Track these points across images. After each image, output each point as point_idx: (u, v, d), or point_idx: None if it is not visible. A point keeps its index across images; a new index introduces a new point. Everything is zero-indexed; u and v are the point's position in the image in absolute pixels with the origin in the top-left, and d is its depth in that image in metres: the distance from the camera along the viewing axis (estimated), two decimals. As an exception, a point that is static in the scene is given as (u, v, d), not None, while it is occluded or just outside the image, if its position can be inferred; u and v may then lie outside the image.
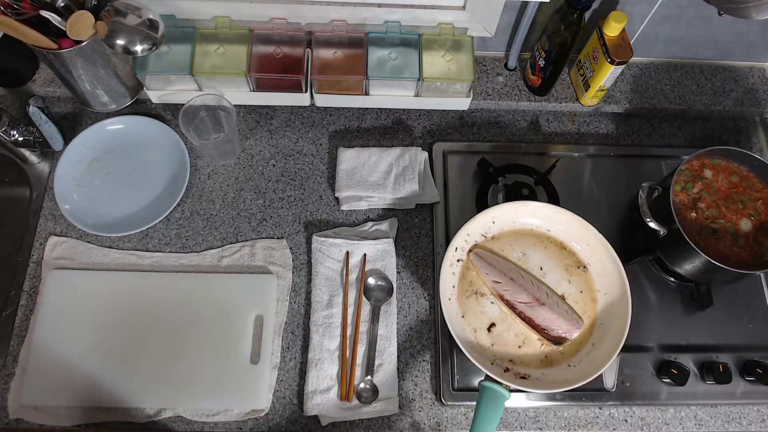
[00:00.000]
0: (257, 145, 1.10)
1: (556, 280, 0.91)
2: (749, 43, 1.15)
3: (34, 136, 1.01)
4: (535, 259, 0.92)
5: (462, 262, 0.91)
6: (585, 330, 0.88)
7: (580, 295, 0.90)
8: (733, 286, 1.02)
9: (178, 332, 0.93)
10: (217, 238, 1.02)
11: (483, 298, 0.90)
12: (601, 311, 0.89)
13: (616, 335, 0.84)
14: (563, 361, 0.87)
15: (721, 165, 0.98)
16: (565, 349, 0.87)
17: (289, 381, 0.93)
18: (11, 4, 0.89)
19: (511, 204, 0.92)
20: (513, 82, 1.16)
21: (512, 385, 0.80)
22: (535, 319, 0.87)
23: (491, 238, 0.93)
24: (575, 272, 0.91)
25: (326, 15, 1.04)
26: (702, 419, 0.94)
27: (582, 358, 0.86)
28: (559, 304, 0.87)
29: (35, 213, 1.02)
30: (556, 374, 0.85)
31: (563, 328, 0.86)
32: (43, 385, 0.89)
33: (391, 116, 1.14)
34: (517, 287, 0.88)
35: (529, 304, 0.87)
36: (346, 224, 1.04)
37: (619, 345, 0.82)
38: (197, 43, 1.04)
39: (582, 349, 0.87)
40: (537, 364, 0.86)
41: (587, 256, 0.92)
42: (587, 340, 0.88)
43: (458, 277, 0.91)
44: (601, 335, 0.87)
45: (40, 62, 1.12)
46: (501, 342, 0.87)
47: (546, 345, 0.87)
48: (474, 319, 0.88)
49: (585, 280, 0.91)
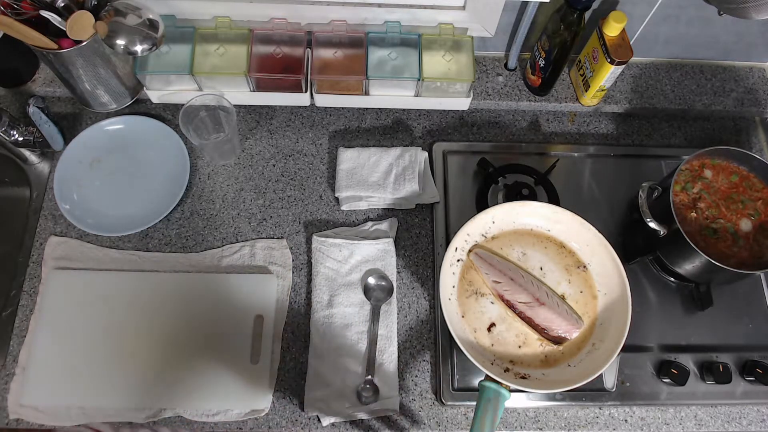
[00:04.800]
0: (257, 145, 1.10)
1: (556, 280, 0.91)
2: (749, 43, 1.15)
3: (34, 136, 1.01)
4: (535, 259, 0.92)
5: (462, 262, 0.91)
6: (585, 330, 0.88)
7: (580, 294, 0.90)
8: (733, 286, 1.02)
9: (178, 332, 0.93)
10: (217, 238, 1.02)
11: (483, 297, 0.90)
12: (601, 311, 0.89)
13: (616, 335, 0.84)
14: (563, 361, 0.87)
15: (721, 165, 0.98)
16: (565, 349, 0.87)
17: (289, 381, 0.93)
18: (11, 4, 0.89)
19: (511, 204, 0.92)
20: (513, 82, 1.16)
21: (512, 385, 0.80)
22: (535, 319, 0.87)
23: (491, 238, 0.93)
24: (575, 272, 0.91)
25: (326, 15, 1.04)
26: (702, 419, 0.94)
27: (582, 358, 0.86)
28: (559, 304, 0.87)
29: (35, 213, 1.02)
30: (557, 374, 0.85)
31: (563, 327, 0.86)
32: (43, 385, 0.89)
33: (391, 116, 1.14)
34: (517, 287, 0.88)
35: (529, 304, 0.87)
36: (346, 224, 1.04)
37: (620, 345, 0.82)
38: (197, 43, 1.04)
39: (582, 349, 0.87)
40: (537, 364, 0.86)
41: (587, 256, 0.92)
42: (587, 340, 0.88)
43: (458, 276, 0.91)
44: (601, 335, 0.87)
45: (40, 62, 1.12)
46: (501, 342, 0.87)
47: (546, 345, 0.87)
48: (474, 319, 0.88)
49: (585, 280, 0.91)
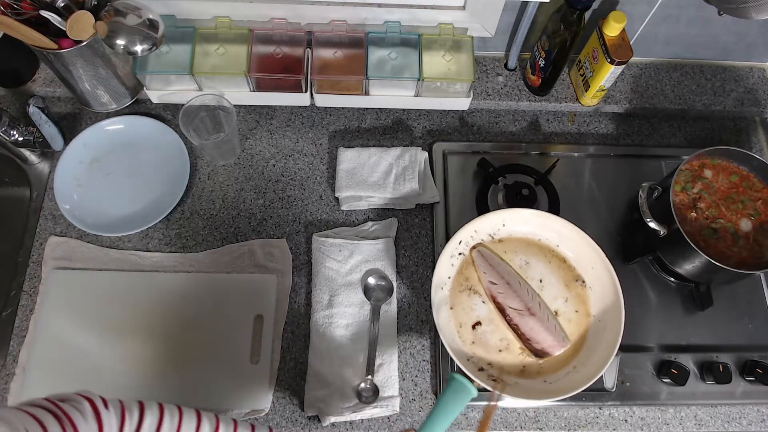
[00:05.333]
0: (257, 145, 1.10)
1: (552, 296, 0.90)
2: (749, 43, 1.15)
3: (34, 136, 1.01)
4: (536, 270, 0.91)
5: (463, 256, 0.91)
6: (570, 351, 0.86)
7: (574, 314, 0.89)
8: (733, 286, 1.02)
9: (178, 332, 0.93)
10: (217, 238, 1.02)
11: (476, 295, 0.89)
12: (591, 336, 0.87)
13: (599, 362, 0.83)
14: (540, 376, 0.86)
15: (721, 165, 0.98)
16: (544, 364, 0.86)
17: (289, 381, 0.93)
18: (11, 4, 0.89)
19: (525, 210, 0.91)
20: (513, 82, 1.16)
21: (482, 384, 0.80)
22: (521, 327, 0.86)
23: (498, 240, 0.92)
24: (574, 292, 0.90)
25: (326, 15, 1.04)
26: (702, 419, 0.94)
27: (560, 378, 0.85)
28: (550, 318, 0.86)
29: (35, 213, 1.02)
30: (530, 385, 0.84)
31: (548, 342, 0.85)
32: (43, 385, 0.89)
33: (391, 116, 1.14)
34: (511, 292, 0.87)
35: (520, 311, 0.86)
36: (346, 224, 1.04)
37: (599, 373, 0.81)
38: (197, 43, 1.04)
39: (562, 369, 0.86)
40: (514, 372, 0.86)
41: (590, 279, 0.90)
42: (570, 361, 0.86)
43: (456, 269, 0.90)
44: (584, 359, 0.86)
45: (40, 62, 1.12)
46: (483, 342, 0.87)
47: (527, 356, 0.86)
48: (462, 314, 0.88)
49: (582, 302, 0.90)
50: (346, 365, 0.92)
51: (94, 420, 0.56)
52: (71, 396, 0.58)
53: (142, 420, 0.61)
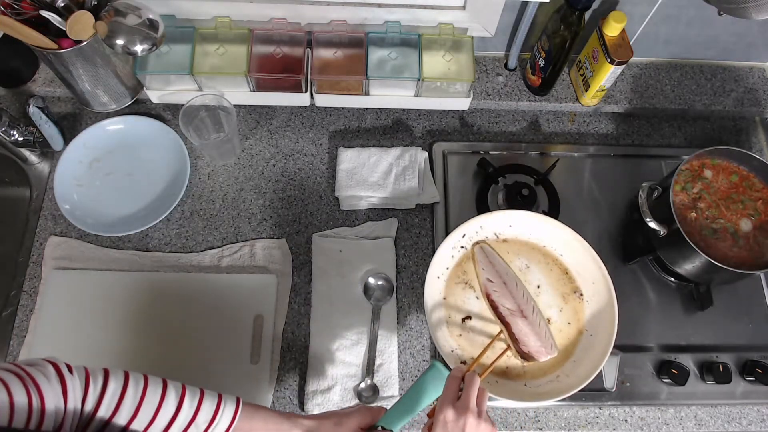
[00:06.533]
0: (257, 145, 1.10)
1: (548, 304, 0.89)
2: (749, 43, 1.15)
3: (34, 136, 1.01)
4: (536, 275, 0.90)
5: (464, 250, 0.90)
6: (556, 360, 0.85)
7: (566, 326, 0.88)
8: (733, 286, 1.02)
9: (178, 332, 0.93)
10: (217, 238, 1.02)
11: (471, 290, 0.89)
12: (579, 349, 0.86)
13: (582, 375, 0.82)
14: (522, 379, 0.85)
15: (721, 165, 0.98)
16: (528, 369, 0.85)
17: (289, 381, 0.93)
18: (11, 4, 0.89)
19: (535, 215, 0.90)
20: (513, 82, 1.16)
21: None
22: (512, 327, 0.86)
23: (502, 240, 0.92)
24: (570, 303, 0.89)
25: (326, 15, 1.04)
26: (702, 419, 0.94)
27: (541, 384, 0.84)
28: (541, 323, 0.84)
29: (35, 213, 1.02)
30: (509, 386, 0.84)
31: (535, 347, 0.84)
32: (43, 385, 0.89)
33: (391, 116, 1.14)
34: (506, 292, 0.87)
35: (512, 311, 0.85)
36: (346, 224, 1.04)
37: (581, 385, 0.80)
38: (197, 43, 1.04)
39: (545, 377, 0.85)
40: (496, 371, 0.85)
41: (588, 294, 0.89)
42: (554, 370, 0.85)
43: (455, 261, 0.90)
44: (569, 371, 0.85)
45: (40, 62, 1.12)
46: (469, 337, 0.87)
47: (512, 356, 0.85)
48: (453, 306, 0.88)
49: (576, 314, 0.88)
50: (346, 365, 0.92)
51: (58, 383, 0.57)
52: (37, 361, 0.58)
53: (106, 385, 0.62)
